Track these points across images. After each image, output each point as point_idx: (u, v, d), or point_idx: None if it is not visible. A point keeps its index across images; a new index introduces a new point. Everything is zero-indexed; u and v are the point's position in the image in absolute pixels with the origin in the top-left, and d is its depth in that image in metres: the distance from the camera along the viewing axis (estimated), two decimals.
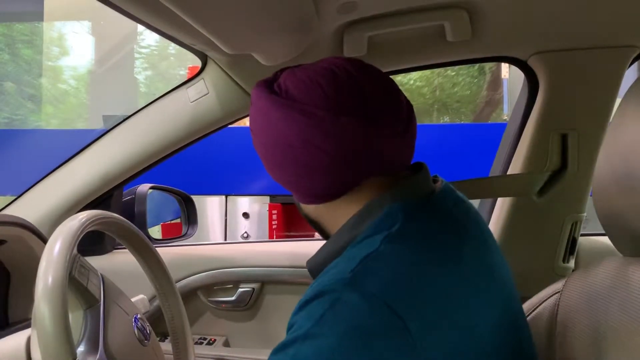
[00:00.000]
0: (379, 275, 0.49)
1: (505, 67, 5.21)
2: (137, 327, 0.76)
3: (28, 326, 0.63)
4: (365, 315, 0.46)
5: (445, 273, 0.51)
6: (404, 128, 0.59)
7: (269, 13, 0.69)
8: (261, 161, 0.62)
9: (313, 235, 1.77)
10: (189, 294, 1.30)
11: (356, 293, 0.47)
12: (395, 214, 0.54)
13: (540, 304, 0.65)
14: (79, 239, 0.60)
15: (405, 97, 0.63)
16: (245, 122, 0.72)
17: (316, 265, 0.61)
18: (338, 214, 0.60)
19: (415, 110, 0.65)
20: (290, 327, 0.51)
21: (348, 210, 0.59)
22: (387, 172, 0.59)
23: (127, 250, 0.83)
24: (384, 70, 1.08)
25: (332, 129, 0.54)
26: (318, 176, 0.57)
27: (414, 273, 0.49)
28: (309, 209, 0.64)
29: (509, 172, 1.17)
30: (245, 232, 3.69)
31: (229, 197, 3.69)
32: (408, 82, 7.41)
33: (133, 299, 0.85)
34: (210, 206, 3.70)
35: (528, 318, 0.67)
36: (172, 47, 7.79)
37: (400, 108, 0.60)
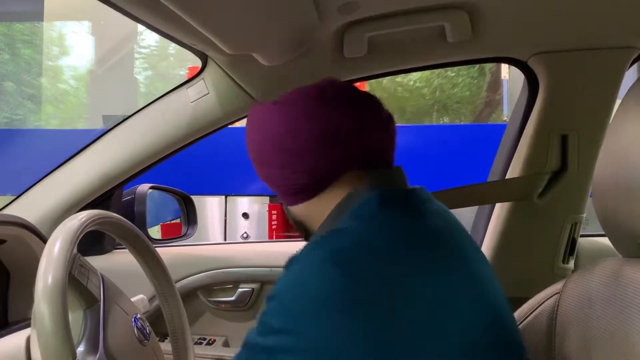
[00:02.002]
0: (339, 240, 0.52)
1: (505, 68, 5.22)
2: (136, 327, 0.76)
3: (28, 326, 0.63)
4: (309, 272, 0.50)
5: (418, 259, 0.52)
6: (384, 125, 0.64)
7: (269, 13, 0.69)
8: (253, 165, 0.67)
9: None
10: (189, 294, 1.30)
11: (310, 256, 0.51)
12: (370, 202, 0.57)
13: (539, 305, 0.65)
14: (79, 238, 0.60)
15: (386, 109, 0.68)
16: (245, 123, 0.74)
17: None
18: (322, 210, 0.63)
19: (415, 110, 0.67)
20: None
21: (330, 205, 0.62)
22: (367, 166, 0.63)
23: (126, 250, 0.83)
24: (384, 71, 1.09)
25: (317, 113, 0.61)
26: (302, 165, 0.61)
27: (370, 246, 0.52)
28: (296, 210, 0.68)
29: (508, 173, 1.17)
30: (245, 232, 3.69)
31: (229, 197, 3.69)
32: (408, 82, 7.41)
33: (133, 299, 0.85)
34: (210, 206, 3.71)
35: (527, 319, 0.67)
36: (172, 47, 7.79)
37: (381, 110, 0.65)
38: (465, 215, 0.72)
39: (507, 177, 1.18)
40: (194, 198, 1.51)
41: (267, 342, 0.49)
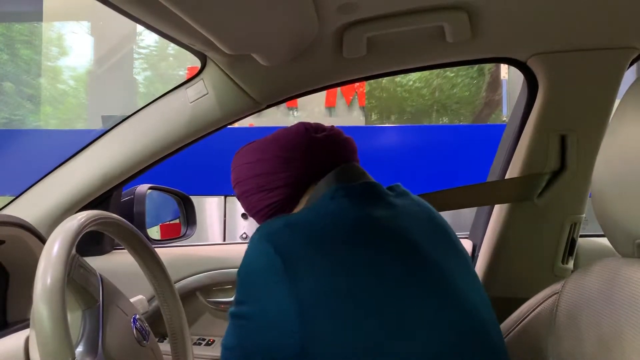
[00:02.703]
0: (278, 224, 0.59)
1: (504, 68, 5.22)
2: (135, 327, 0.76)
3: (27, 327, 0.63)
4: (251, 251, 0.58)
5: (339, 244, 0.57)
6: (331, 141, 0.76)
7: (268, 13, 0.69)
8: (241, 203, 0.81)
9: None
10: (188, 295, 1.30)
11: (257, 233, 0.60)
12: (323, 195, 0.66)
13: (539, 305, 0.65)
14: (78, 239, 0.60)
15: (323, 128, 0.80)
16: (245, 123, 0.75)
17: None
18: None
19: (414, 111, 0.69)
20: None
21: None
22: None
23: (126, 250, 0.83)
24: (384, 71, 1.09)
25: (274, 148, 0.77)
26: (277, 182, 0.74)
27: (309, 228, 0.59)
28: None
29: (508, 173, 1.17)
30: (244, 232, 3.69)
31: (228, 198, 3.69)
32: (407, 83, 7.42)
33: (132, 300, 0.85)
34: (209, 207, 3.70)
35: (527, 319, 0.67)
36: (172, 48, 7.79)
37: (319, 133, 0.77)
38: (465, 215, 0.72)
39: (506, 177, 1.18)
40: (193, 198, 1.51)
41: (234, 311, 0.60)
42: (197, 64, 1.04)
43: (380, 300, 0.53)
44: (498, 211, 1.17)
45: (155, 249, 0.86)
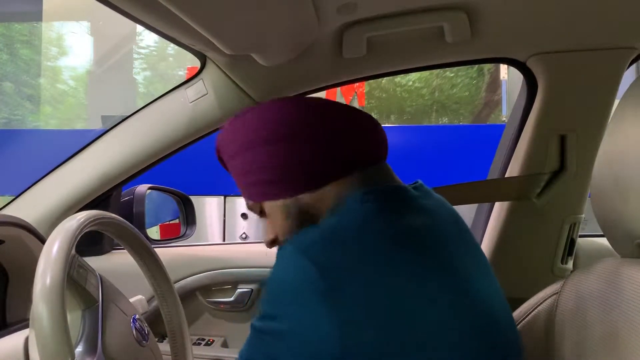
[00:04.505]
0: (314, 236, 0.55)
1: (504, 69, 5.21)
2: (135, 327, 0.76)
3: (26, 327, 0.63)
4: (283, 265, 0.54)
5: (388, 253, 0.54)
6: (371, 127, 0.68)
7: (268, 13, 0.69)
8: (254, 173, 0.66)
9: None
10: (188, 295, 1.30)
11: (286, 249, 0.55)
12: (352, 200, 0.60)
13: (538, 305, 0.65)
14: (78, 239, 0.60)
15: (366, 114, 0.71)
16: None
17: None
18: (321, 205, 0.64)
19: (414, 111, 0.68)
20: None
21: (329, 202, 0.64)
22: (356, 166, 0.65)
23: (125, 250, 0.83)
24: (383, 71, 1.09)
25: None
26: (332, 148, 0.64)
27: (348, 239, 0.54)
28: (304, 200, 0.66)
29: (507, 173, 1.17)
30: (244, 232, 3.68)
31: (228, 198, 3.69)
32: (407, 83, 7.41)
33: (131, 300, 0.85)
34: (208, 207, 3.70)
35: (526, 319, 0.67)
36: (171, 48, 7.78)
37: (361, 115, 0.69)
38: (464, 215, 0.72)
39: (505, 177, 1.18)
40: (193, 198, 1.51)
41: (261, 326, 0.55)
42: (197, 64, 1.04)
43: (418, 315, 0.51)
44: (497, 211, 1.17)
45: (155, 249, 0.86)
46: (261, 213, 0.71)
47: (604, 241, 1.21)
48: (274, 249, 1.36)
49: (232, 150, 0.68)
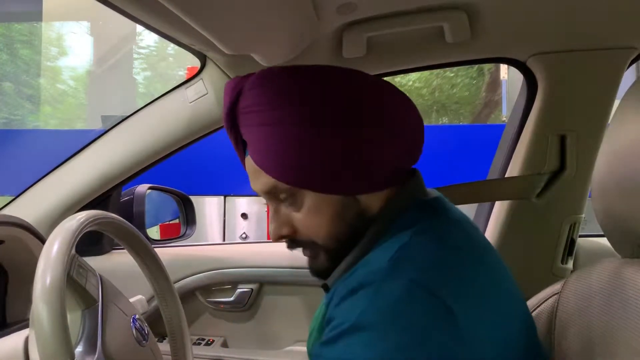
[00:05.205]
0: (416, 261, 0.50)
1: (504, 69, 5.21)
2: (135, 327, 0.76)
3: (26, 326, 0.63)
4: (406, 301, 0.46)
5: (472, 262, 0.54)
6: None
7: (268, 13, 0.68)
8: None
9: None
10: (188, 295, 1.30)
11: (397, 281, 0.47)
12: (414, 212, 0.57)
13: (539, 305, 0.65)
14: (78, 239, 0.60)
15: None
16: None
17: (339, 272, 0.60)
18: (376, 204, 0.58)
19: None
20: (329, 322, 0.51)
21: (376, 205, 0.59)
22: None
23: (125, 250, 0.83)
24: (383, 71, 1.09)
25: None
26: (401, 146, 0.58)
27: (447, 260, 0.52)
28: (368, 201, 0.59)
29: (507, 173, 1.17)
30: (244, 232, 3.68)
31: (228, 198, 3.69)
32: (407, 83, 7.41)
33: (131, 300, 0.85)
34: (208, 207, 3.70)
35: None
36: (171, 48, 7.78)
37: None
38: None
39: (505, 177, 1.18)
40: (193, 198, 1.50)
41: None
42: (197, 63, 1.04)
43: (497, 317, 0.51)
44: (497, 211, 1.17)
45: (155, 249, 0.86)
46: (278, 199, 0.60)
47: (604, 241, 1.21)
48: (273, 249, 1.36)
49: (276, 116, 0.54)
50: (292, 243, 0.62)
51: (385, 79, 0.67)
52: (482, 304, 0.50)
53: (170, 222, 1.86)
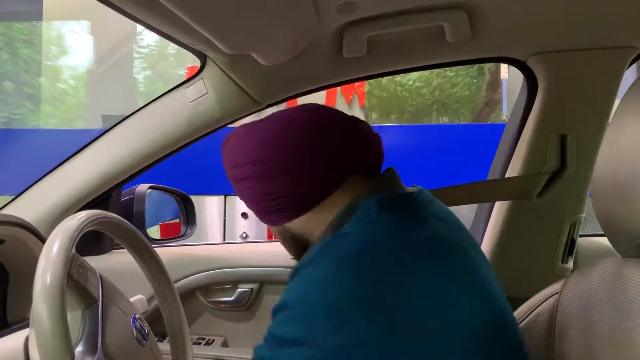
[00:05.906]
0: (348, 250, 0.53)
1: (504, 68, 5.21)
2: (135, 327, 0.76)
3: (26, 326, 0.63)
4: (328, 284, 0.50)
5: (423, 258, 0.54)
6: (371, 135, 0.70)
7: (268, 13, 0.68)
8: (248, 190, 0.68)
9: None
10: (188, 294, 1.30)
11: (322, 266, 0.52)
12: (370, 206, 0.59)
13: (539, 305, 0.65)
14: (78, 238, 0.60)
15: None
16: (244, 122, 0.75)
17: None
18: (325, 217, 0.65)
19: (414, 110, 0.69)
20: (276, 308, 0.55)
21: (332, 212, 0.64)
22: (365, 170, 0.67)
23: (125, 250, 0.83)
24: (384, 71, 1.09)
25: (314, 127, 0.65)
26: (311, 171, 0.64)
27: (391, 252, 0.53)
28: (296, 226, 0.68)
29: (507, 173, 1.17)
30: (244, 232, 3.69)
31: (228, 197, 3.69)
32: (407, 82, 7.41)
33: (131, 299, 0.85)
34: (209, 206, 3.70)
35: (527, 319, 0.67)
36: (172, 47, 7.78)
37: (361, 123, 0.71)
38: (464, 215, 0.72)
39: (506, 176, 1.18)
40: (193, 198, 1.50)
41: (281, 356, 0.49)
42: (197, 63, 1.04)
43: (450, 320, 0.51)
44: (498, 211, 1.17)
45: (155, 249, 0.86)
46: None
47: (604, 241, 1.21)
48: (273, 249, 1.36)
49: (235, 174, 0.69)
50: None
51: (385, 78, 0.68)
52: (427, 302, 0.50)
53: (171, 222, 1.86)
